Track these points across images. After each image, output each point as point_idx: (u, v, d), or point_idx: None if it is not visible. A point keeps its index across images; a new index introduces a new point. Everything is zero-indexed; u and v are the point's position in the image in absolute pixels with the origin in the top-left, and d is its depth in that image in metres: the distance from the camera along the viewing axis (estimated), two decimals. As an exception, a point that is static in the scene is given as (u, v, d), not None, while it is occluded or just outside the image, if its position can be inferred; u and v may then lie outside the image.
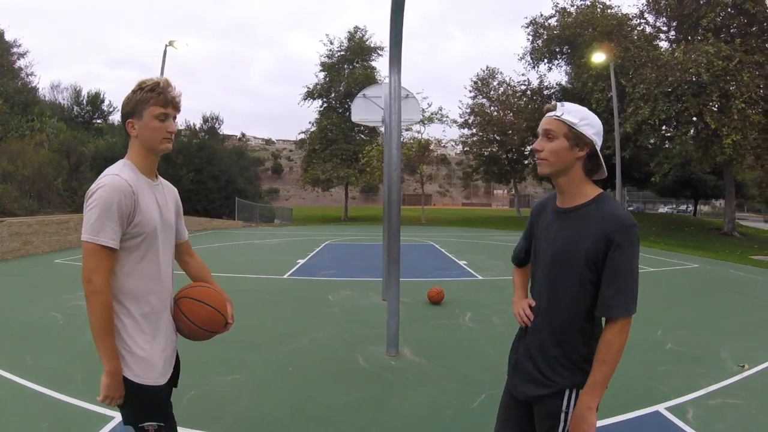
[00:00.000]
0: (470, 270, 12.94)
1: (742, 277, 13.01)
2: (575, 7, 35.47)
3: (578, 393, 2.01)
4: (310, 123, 49.56)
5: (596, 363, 1.94)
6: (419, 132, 42.81)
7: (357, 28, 47.62)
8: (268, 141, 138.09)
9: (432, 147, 44.81)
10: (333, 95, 47.28)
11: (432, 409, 4.30)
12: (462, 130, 49.21)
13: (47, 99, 44.67)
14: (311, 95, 47.58)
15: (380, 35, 48.97)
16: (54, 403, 4.20)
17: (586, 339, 2.03)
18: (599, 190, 2.04)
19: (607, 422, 3.89)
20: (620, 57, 27.96)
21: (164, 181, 2.42)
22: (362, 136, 46.77)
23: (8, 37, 42.91)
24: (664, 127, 27.79)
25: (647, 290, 10.39)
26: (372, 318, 7.47)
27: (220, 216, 36.83)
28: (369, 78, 42.88)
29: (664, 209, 67.04)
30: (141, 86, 2.15)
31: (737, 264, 16.25)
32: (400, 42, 5.67)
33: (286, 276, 11.80)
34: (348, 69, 46.90)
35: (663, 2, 28.22)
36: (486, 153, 49.36)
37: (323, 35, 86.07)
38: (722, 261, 17.04)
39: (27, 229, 15.14)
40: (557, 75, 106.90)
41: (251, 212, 39.79)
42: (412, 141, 41.12)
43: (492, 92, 48.56)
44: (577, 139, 1.97)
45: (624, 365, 4.77)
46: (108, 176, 2.05)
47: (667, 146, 29.14)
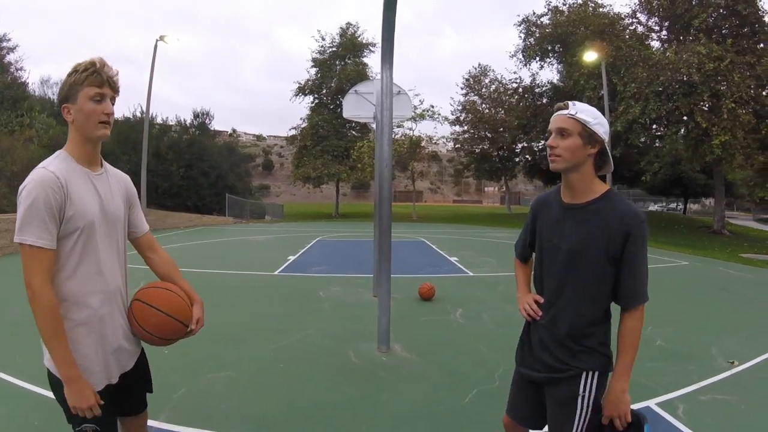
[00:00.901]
0: (461, 266, 12.94)
1: (732, 275, 13.09)
2: (567, 6, 35.55)
3: (594, 376, 2.15)
4: (302, 119, 49.45)
5: (624, 349, 2.11)
6: (411, 129, 42.82)
7: (349, 24, 47.49)
8: (259, 137, 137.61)
9: (423, 144, 44.84)
10: (324, 91, 47.14)
11: (423, 405, 4.29)
12: (453, 128, 49.27)
13: (37, 94, 44.27)
14: (303, 91, 47.42)
15: (372, 31, 48.84)
16: (44, 401, 4.15)
17: (602, 326, 2.18)
18: (607, 187, 2.16)
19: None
20: (612, 56, 28.04)
21: (113, 170, 2.30)
22: (353, 133, 46.65)
23: (-3, 32, 42.59)
24: (655, 126, 27.94)
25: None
26: (363, 314, 7.46)
27: (211, 212, 36.67)
28: (361, 74, 42.80)
29: (654, 207, 67.28)
30: (76, 68, 2.03)
31: (727, 262, 16.35)
32: (392, 38, 5.65)
33: (277, 272, 11.77)
34: (340, 65, 46.79)
35: (655, 2, 28.30)
36: (477, 150, 49.41)
37: (315, 31, 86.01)
38: (712, 259, 17.14)
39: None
40: (549, 73, 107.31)
41: (242, 208, 39.65)
42: (404, 138, 41.10)
43: (484, 90, 48.62)
44: (590, 137, 2.09)
45: (614, 361, 4.77)
46: (36, 171, 1.95)
47: (658, 145, 29.31)
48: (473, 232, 27.68)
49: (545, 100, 41.89)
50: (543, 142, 42.22)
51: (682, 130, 26.44)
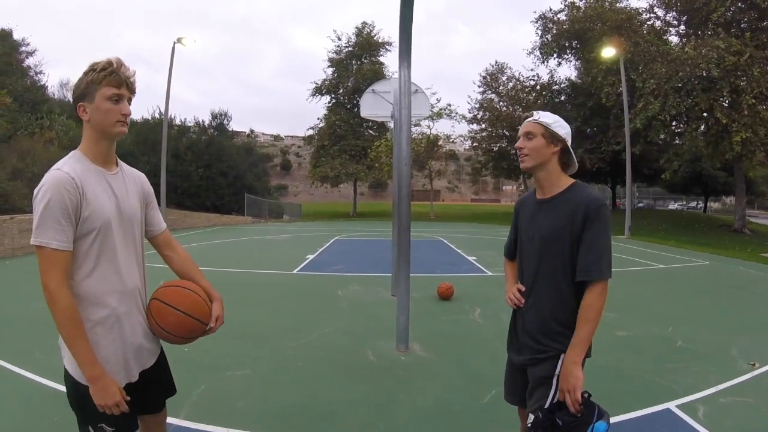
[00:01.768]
0: (479, 266, 12.93)
1: (753, 275, 12.94)
2: (584, 2, 35.31)
3: None
4: (319, 119, 49.76)
5: (579, 322, 2.25)
6: (428, 127, 42.72)
7: (365, 24, 47.74)
8: (277, 137, 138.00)
9: (441, 143, 44.72)
10: (341, 91, 47.33)
11: (441, 404, 4.30)
12: (471, 126, 49.03)
13: (56, 97, 44.74)
14: (319, 91, 47.63)
15: (388, 30, 48.93)
16: (64, 397, 4.22)
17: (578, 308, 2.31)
18: (573, 180, 2.44)
19: (619, 419, 3.87)
20: (630, 52, 27.80)
21: (129, 169, 2.30)
22: (371, 132, 46.77)
23: (16, 36, 43.12)
24: (674, 123, 27.64)
25: (657, 287, 10.37)
26: (381, 313, 7.49)
27: (230, 212, 36.89)
28: (377, 73, 42.90)
29: (674, 206, 66.61)
30: (93, 67, 2.03)
31: (747, 261, 16.15)
32: (410, 36, 5.65)
33: (296, 271, 11.83)
34: (356, 64, 46.96)
35: (673, -4, 28.02)
36: (495, 148, 49.07)
37: (330, 31, 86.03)
38: (732, 258, 16.94)
39: (38, 227, 15.16)
40: (567, 70, 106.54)
41: (260, 208, 39.86)
42: (421, 136, 41.02)
43: (501, 87, 48.32)
44: (552, 137, 2.39)
45: (635, 362, 4.75)
46: (50, 172, 1.94)
47: (677, 142, 29.00)
48: (491, 231, 27.59)
49: (563, 98, 41.68)
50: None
51: (702, 127, 26.15)
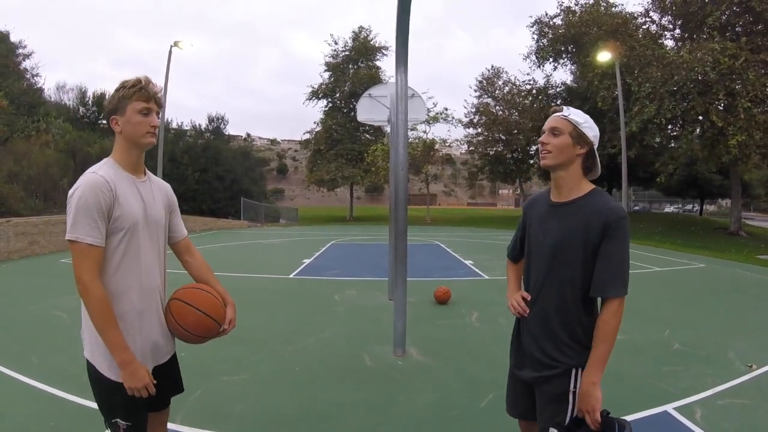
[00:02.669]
0: (476, 270, 12.93)
1: (749, 277, 12.97)
2: (580, 6, 35.40)
3: (583, 371, 2.19)
4: (315, 123, 49.67)
5: (596, 341, 2.14)
6: (424, 132, 42.72)
7: (361, 28, 47.72)
8: (273, 141, 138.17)
9: (437, 147, 44.73)
10: (338, 95, 47.32)
11: (439, 409, 4.29)
12: (467, 130, 49.05)
13: (53, 100, 44.83)
14: (316, 95, 47.64)
15: (384, 35, 48.92)
16: (59, 402, 4.23)
17: (589, 320, 2.21)
18: (593, 186, 2.27)
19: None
20: (626, 56, 27.86)
21: (155, 178, 2.47)
22: (367, 136, 46.80)
23: (13, 39, 43.13)
24: (670, 126, 27.71)
25: (654, 290, 10.38)
26: (378, 317, 7.48)
27: (226, 216, 36.91)
28: (374, 78, 42.92)
29: (670, 209, 66.68)
30: (123, 84, 2.22)
31: (744, 264, 16.20)
32: (407, 41, 5.66)
33: (292, 276, 11.82)
34: (353, 69, 46.97)
35: (668, 0, 28.11)
36: (491, 152, 49.10)
37: (327, 35, 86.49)
38: (729, 261, 16.99)
39: (33, 229, 15.21)
40: (563, 74, 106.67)
41: (256, 212, 39.87)
42: (417, 141, 41.04)
43: (497, 92, 48.38)
44: (579, 138, 2.22)
45: (632, 365, 4.75)
46: (85, 175, 2.11)
47: (673, 145, 29.06)
48: (488, 235, 27.63)
49: (559, 102, 41.69)
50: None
51: (698, 130, 26.24)
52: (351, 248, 19.30)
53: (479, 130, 48.38)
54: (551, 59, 38.74)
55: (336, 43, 47.75)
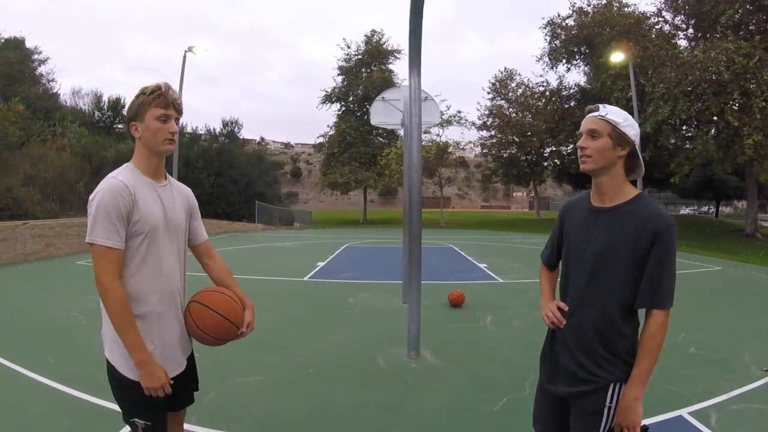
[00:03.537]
0: (490, 273, 12.92)
1: (765, 280, 12.87)
2: (592, 7, 35.25)
3: (621, 386, 2.09)
4: (329, 126, 49.94)
5: (641, 355, 2.04)
6: (438, 135, 42.75)
7: (374, 32, 47.90)
8: (287, 145, 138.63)
9: (450, 149, 44.71)
10: (351, 99, 47.51)
11: (452, 412, 4.30)
12: (480, 132, 49.06)
13: (68, 104, 45.38)
14: (329, 99, 47.85)
15: (397, 38, 49.13)
16: (75, 402, 4.29)
17: (630, 334, 2.10)
18: (638, 191, 2.13)
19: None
20: (639, 56, 27.71)
21: (176, 182, 2.50)
22: (380, 139, 46.89)
23: (29, 44, 43.62)
24: (685, 127, 27.49)
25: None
26: (392, 320, 7.49)
27: (240, 219, 37.08)
28: (386, 81, 43.02)
29: (686, 210, 66.22)
30: (143, 91, 2.24)
31: (760, 266, 16.06)
32: (419, 45, 5.69)
33: (306, 278, 11.87)
34: (366, 72, 47.08)
35: (681, 0, 27.92)
36: (505, 155, 49.10)
37: (340, 38, 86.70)
38: (745, 263, 16.86)
39: (49, 232, 15.40)
40: (576, 75, 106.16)
41: (271, 215, 40.04)
42: (431, 144, 41.04)
43: (510, 94, 48.33)
44: (620, 139, 2.07)
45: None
46: (105, 180, 2.15)
47: (688, 146, 28.84)
48: (502, 238, 27.56)
49: (573, 103, 41.60)
50: (572, 146, 41.93)
51: (713, 131, 26.02)
52: (365, 251, 19.33)
53: (492, 133, 48.44)
54: (564, 60, 38.60)
55: (349, 47, 48.05)
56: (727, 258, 18.23)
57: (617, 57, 26.42)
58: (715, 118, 24.96)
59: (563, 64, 39.25)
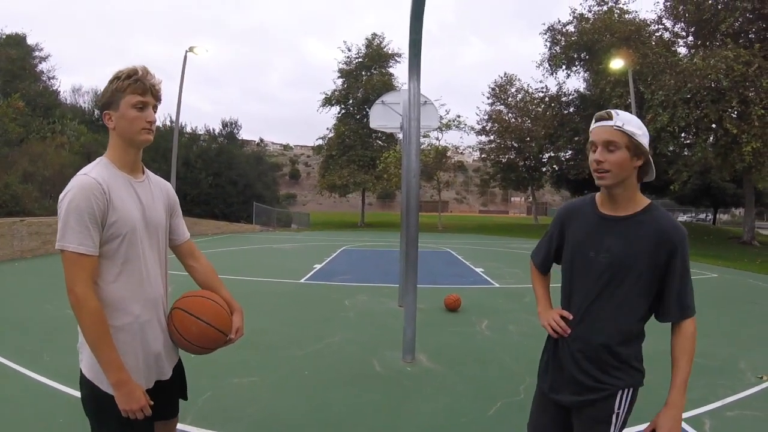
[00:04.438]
0: (487, 277, 12.92)
1: (762, 287, 12.88)
2: (593, 13, 35.35)
3: (629, 392, 2.09)
4: (328, 129, 49.93)
5: (683, 362, 2.02)
6: (437, 138, 42.79)
7: (375, 35, 48.04)
8: (286, 146, 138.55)
9: (449, 154, 44.75)
10: (351, 101, 47.56)
11: (447, 416, 4.30)
12: (479, 137, 49.13)
13: (68, 102, 45.20)
14: (329, 101, 47.86)
15: (398, 42, 49.22)
16: (71, 400, 4.27)
17: (639, 341, 2.11)
18: (648, 200, 2.09)
19: None
20: (639, 63, 27.78)
21: (154, 177, 2.30)
22: (380, 143, 46.92)
23: (30, 41, 43.59)
24: (684, 134, 27.54)
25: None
26: (388, 323, 7.50)
27: (238, 220, 37.06)
28: (387, 84, 43.13)
29: (683, 218, 66.22)
30: (117, 75, 2.03)
31: (757, 274, 16.07)
32: (419, 49, 5.70)
33: (303, 280, 11.86)
34: (366, 75, 47.14)
35: (681, 8, 27.97)
36: (504, 160, 49.14)
37: (340, 41, 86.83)
38: (742, 271, 16.88)
39: (47, 229, 15.40)
40: (575, 82, 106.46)
41: (269, 217, 40.03)
42: (430, 148, 41.08)
43: (510, 99, 48.40)
44: (637, 149, 1.99)
45: (641, 375, 4.61)
46: (76, 177, 1.94)
47: (687, 154, 28.89)
48: (499, 243, 27.58)
49: (572, 109, 41.73)
50: (570, 152, 42.00)
51: (711, 138, 26.07)
52: (362, 254, 19.33)
53: (491, 138, 48.47)
54: (564, 66, 38.70)
55: (349, 50, 48.12)
56: (724, 265, 18.26)
57: (617, 64, 26.49)
58: (714, 126, 25.02)
59: (563, 70, 39.38)
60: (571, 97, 42.45)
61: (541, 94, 44.29)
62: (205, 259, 2.48)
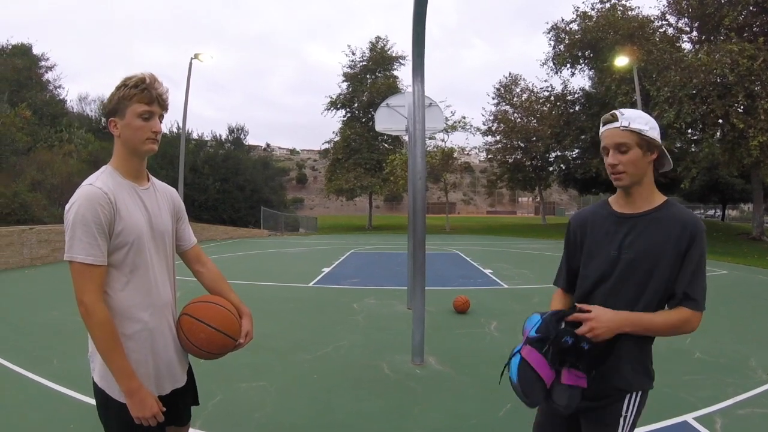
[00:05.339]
0: (495, 279, 12.88)
1: (773, 283, 12.80)
2: (596, 11, 35.25)
3: (638, 395, 2.06)
4: (334, 133, 50.02)
5: (659, 316, 1.97)
6: (443, 140, 42.79)
7: (378, 38, 48.12)
8: (293, 151, 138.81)
9: (455, 155, 44.72)
10: (356, 105, 47.63)
11: (457, 418, 4.30)
12: (485, 138, 49.10)
13: (75, 111, 45.39)
14: (334, 105, 47.97)
15: (401, 44, 49.23)
16: (79, 405, 4.32)
17: (649, 341, 2.09)
18: (665, 197, 2.07)
19: None
20: (643, 60, 27.66)
21: (160, 184, 2.30)
22: (385, 145, 46.99)
23: (36, 51, 43.87)
24: (690, 131, 27.43)
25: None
26: (397, 326, 7.49)
27: (246, 225, 37.22)
28: (391, 87, 43.09)
29: (692, 214, 66.06)
30: (125, 82, 2.02)
31: (767, 270, 15.97)
32: (423, 52, 5.71)
33: (312, 284, 11.88)
34: (370, 79, 47.22)
35: (684, 3, 27.89)
36: (510, 160, 49.05)
37: (344, 45, 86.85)
38: (752, 267, 16.78)
39: (56, 237, 15.50)
40: (580, 80, 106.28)
41: (276, 221, 40.10)
42: (436, 149, 41.06)
43: (515, 99, 48.33)
44: (648, 145, 1.99)
45: (650, 374, 4.60)
46: (82, 187, 1.94)
47: (694, 150, 28.77)
48: (507, 244, 27.53)
49: (577, 108, 41.64)
50: (577, 151, 41.89)
51: (718, 133, 25.96)
52: (370, 257, 19.34)
53: (498, 138, 48.42)
54: (568, 65, 38.60)
55: (353, 54, 48.22)
56: (734, 261, 18.16)
57: (621, 61, 26.40)
58: (720, 121, 24.91)
59: (567, 69, 39.28)
60: (577, 96, 42.38)
61: (547, 94, 44.30)
62: (213, 264, 2.48)
